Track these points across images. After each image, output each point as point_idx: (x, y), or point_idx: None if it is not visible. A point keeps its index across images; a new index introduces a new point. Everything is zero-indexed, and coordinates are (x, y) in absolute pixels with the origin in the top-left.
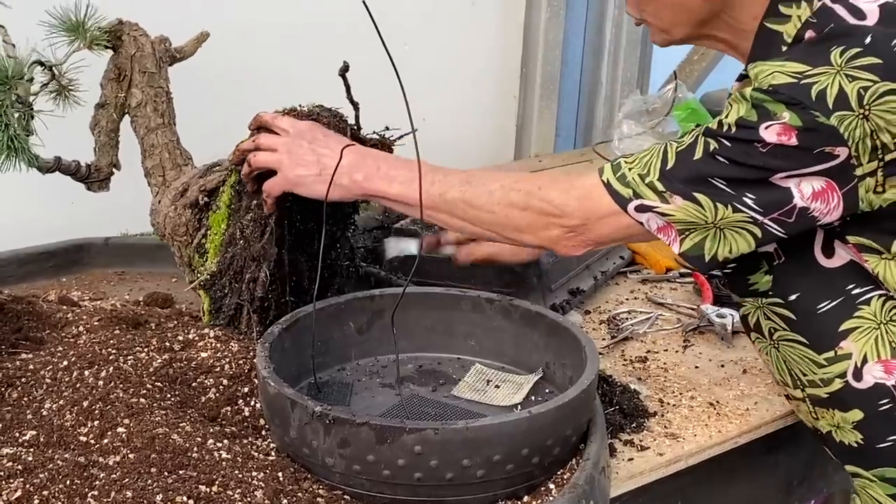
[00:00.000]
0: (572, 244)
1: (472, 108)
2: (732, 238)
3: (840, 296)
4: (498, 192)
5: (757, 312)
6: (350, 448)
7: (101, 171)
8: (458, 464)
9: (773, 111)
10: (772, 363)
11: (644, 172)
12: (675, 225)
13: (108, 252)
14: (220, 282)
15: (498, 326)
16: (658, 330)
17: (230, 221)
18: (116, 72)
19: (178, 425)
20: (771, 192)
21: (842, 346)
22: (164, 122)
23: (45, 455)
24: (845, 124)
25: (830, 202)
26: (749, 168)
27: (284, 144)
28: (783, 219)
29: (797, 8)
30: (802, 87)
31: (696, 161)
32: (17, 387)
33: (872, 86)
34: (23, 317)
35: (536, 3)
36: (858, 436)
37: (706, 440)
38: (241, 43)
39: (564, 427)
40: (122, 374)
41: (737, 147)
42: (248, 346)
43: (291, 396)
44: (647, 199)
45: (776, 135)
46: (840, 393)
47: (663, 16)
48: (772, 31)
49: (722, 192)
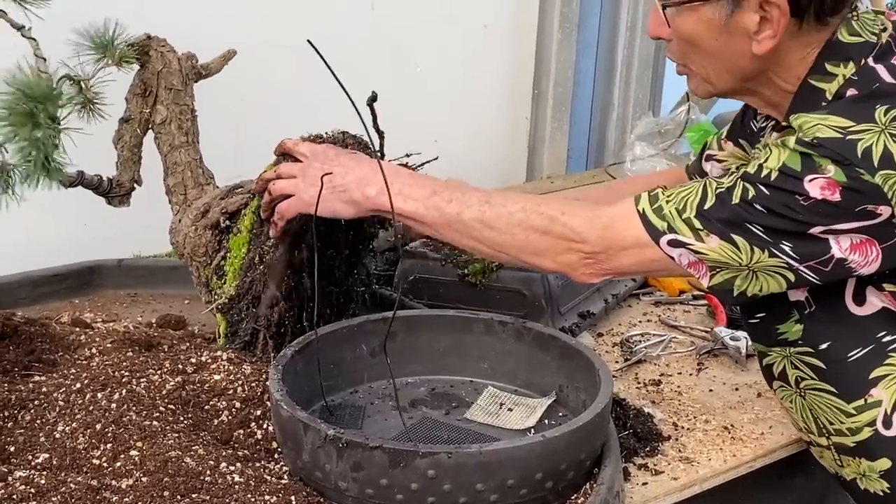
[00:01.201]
0: (590, 271)
1: (484, 130)
2: (765, 279)
3: (871, 343)
4: (519, 214)
5: (783, 362)
6: (363, 472)
7: (123, 185)
8: (471, 488)
9: (818, 164)
10: (796, 411)
11: (681, 208)
12: (708, 262)
13: (120, 274)
14: (238, 306)
15: (511, 349)
16: (671, 353)
17: (251, 246)
18: (142, 87)
19: (190, 448)
20: (809, 244)
21: (871, 394)
22: (188, 140)
23: (58, 478)
24: (889, 183)
25: (869, 256)
26: (788, 220)
27: (300, 169)
28: (819, 267)
29: (843, 67)
30: (848, 143)
31: (734, 205)
32: (29, 409)
33: None
34: (36, 339)
35: (548, 25)
36: (885, 485)
37: (721, 464)
38: (264, 62)
39: (578, 451)
40: (135, 397)
41: (777, 196)
42: (261, 368)
43: (304, 419)
44: (682, 235)
45: (820, 189)
46: (869, 441)
47: (709, 67)
48: (815, 87)
49: (759, 238)
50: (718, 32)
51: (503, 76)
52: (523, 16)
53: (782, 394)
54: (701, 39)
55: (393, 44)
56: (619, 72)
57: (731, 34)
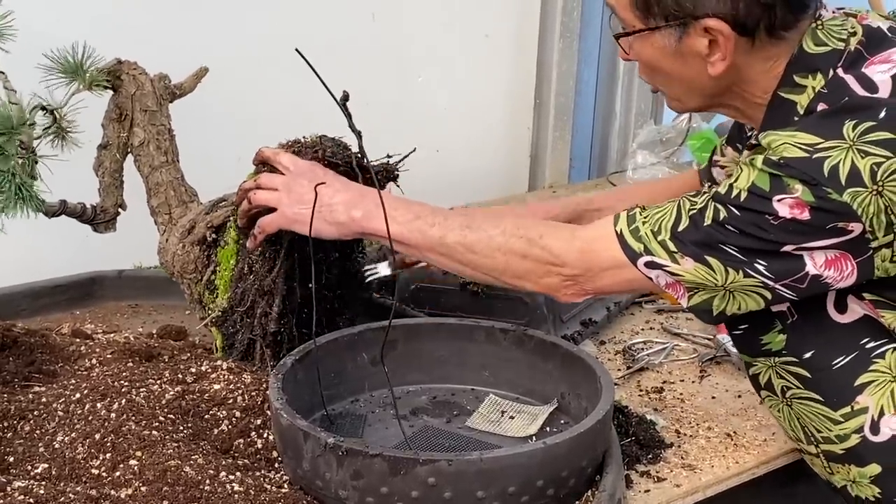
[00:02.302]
0: (572, 292)
1: (486, 140)
2: (742, 299)
3: (854, 350)
4: (498, 238)
5: (769, 371)
6: (363, 480)
7: (107, 211)
8: (472, 495)
9: (786, 184)
10: (784, 420)
11: (656, 230)
12: (685, 283)
13: (121, 285)
14: (232, 318)
15: (512, 357)
16: (674, 360)
17: (239, 257)
18: (118, 112)
19: (190, 458)
20: (783, 262)
21: (858, 401)
22: (168, 159)
23: (57, 488)
24: (858, 201)
25: (844, 270)
26: (759, 240)
27: (284, 184)
28: (795, 285)
29: (812, 79)
30: (814, 162)
31: (707, 226)
32: (29, 420)
33: (885, 161)
34: (36, 350)
35: (549, 34)
36: (875, 490)
37: (724, 471)
38: (241, 75)
39: (580, 458)
40: (135, 407)
41: (747, 217)
42: (261, 377)
43: (304, 428)
44: (658, 257)
45: (789, 208)
46: (857, 448)
47: (675, 87)
48: (786, 100)
49: (733, 258)
50: (673, 57)
51: (505, 86)
52: (524, 25)
53: (769, 403)
54: (660, 64)
55: (394, 54)
56: (621, 81)
57: (684, 58)
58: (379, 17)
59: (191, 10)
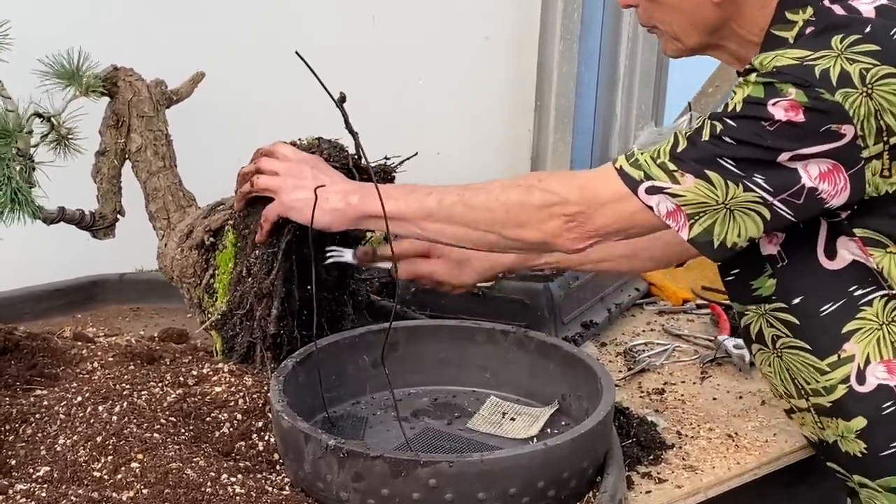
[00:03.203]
0: (574, 235)
1: (487, 142)
2: (742, 220)
3: (842, 298)
4: (497, 190)
5: (760, 321)
6: (364, 482)
7: (106, 218)
8: (473, 497)
9: (780, 88)
10: (774, 374)
11: (655, 156)
12: (685, 208)
13: (122, 288)
14: (231, 321)
15: (513, 358)
16: (675, 361)
17: (237, 260)
18: (115, 118)
19: (191, 460)
20: (779, 173)
21: (844, 349)
22: (166, 164)
23: (59, 491)
24: (850, 101)
25: (838, 184)
26: (757, 148)
27: (286, 169)
28: (792, 200)
29: (802, 13)
30: (806, 68)
31: (704, 142)
32: (31, 423)
33: (873, 68)
34: (38, 353)
35: (550, 36)
36: (862, 445)
37: (725, 472)
38: (240, 79)
39: (581, 459)
40: (136, 409)
41: (744, 126)
42: (263, 380)
43: (305, 430)
44: (658, 180)
45: (784, 111)
46: (843, 400)
47: (674, 23)
48: (778, 37)
49: (732, 172)
50: None
51: (505, 88)
52: (525, 28)
53: (761, 357)
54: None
55: (395, 56)
56: (622, 83)
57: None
58: (379, 19)
59: (192, 11)
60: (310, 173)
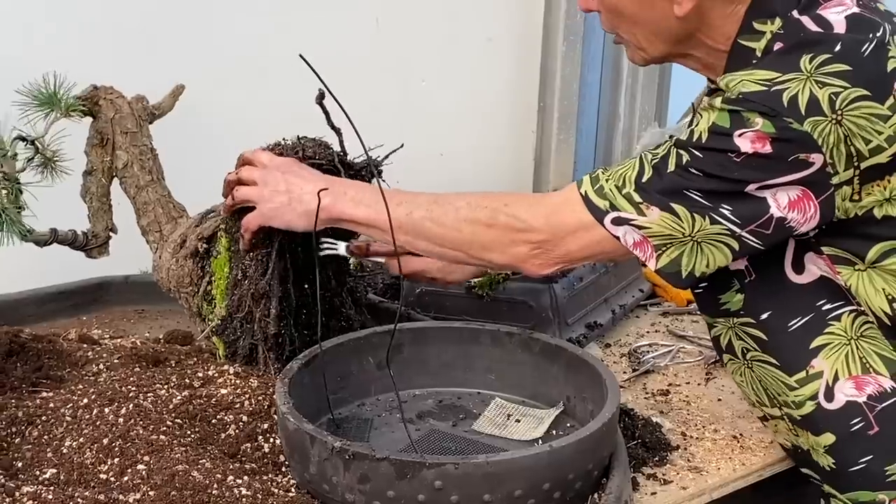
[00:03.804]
0: (540, 262)
1: (490, 143)
2: (710, 251)
3: (810, 312)
4: (464, 210)
5: (729, 333)
6: (370, 484)
7: (99, 237)
8: (478, 499)
9: (746, 118)
10: (746, 384)
11: (620, 184)
12: (652, 239)
13: (127, 290)
14: (232, 325)
15: (518, 360)
16: (680, 363)
17: (232, 264)
18: (99, 137)
19: (198, 462)
20: (747, 204)
21: (813, 365)
22: (153, 178)
23: (66, 493)
24: (819, 130)
25: (807, 212)
26: (723, 180)
27: (261, 177)
28: (761, 230)
29: (770, 24)
30: (773, 94)
31: (670, 173)
32: (37, 425)
33: (843, 91)
34: (43, 355)
35: (553, 37)
36: (831, 460)
37: (730, 473)
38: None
39: (586, 461)
40: (142, 412)
41: (710, 158)
42: (268, 382)
43: (311, 432)
44: (624, 212)
45: (750, 142)
46: (812, 415)
47: (638, 34)
48: (745, 47)
49: (699, 204)
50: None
51: (508, 89)
52: (528, 29)
53: (732, 367)
54: (625, 7)
55: (398, 58)
56: (625, 83)
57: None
58: (382, 22)
59: (195, 13)
60: (281, 178)
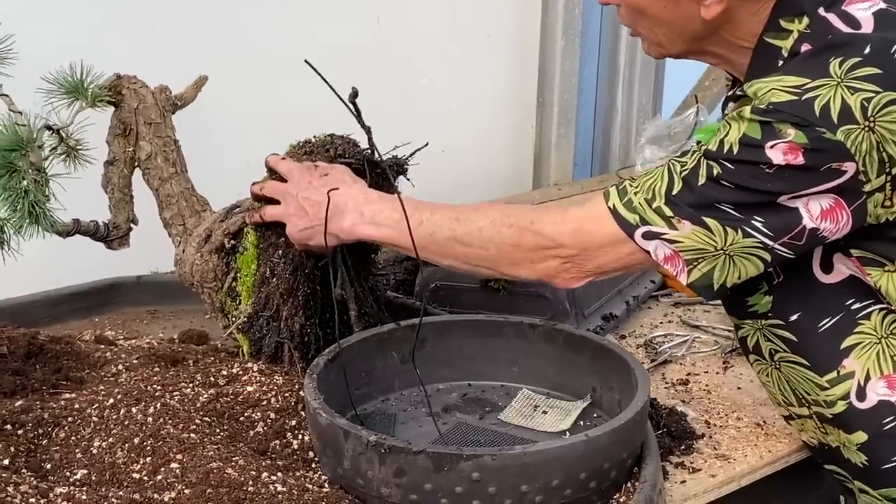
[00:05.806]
0: (571, 276)
1: (490, 139)
2: (742, 264)
3: (840, 312)
4: (488, 229)
5: (756, 334)
6: (406, 477)
7: (120, 228)
8: (516, 490)
9: (777, 129)
10: (773, 384)
11: (650, 197)
12: (683, 254)
13: (139, 290)
14: (258, 322)
15: (541, 352)
16: (696, 352)
17: (260, 261)
18: (122, 127)
19: (230, 459)
20: (780, 215)
21: (844, 365)
22: (177, 170)
23: (99, 493)
24: (852, 138)
25: (840, 221)
26: (755, 192)
27: (283, 196)
28: (793, 242)
29: (798, 22)
30: (805, 104)
31: (701, 186)
32: (63, 426)
33: (875, 97)
34: (62, 357)
35: (551, 33)
36: (863, 457)
37: (757, 460)
38: (247, 81)
39: (621, 450)
40: (171, 410)
41: (742, 169)
42: (293, 378)
43: (344, 426)
44: (655, 226)
45: (782, 154)
46: (844, 415)
47: (659, 33)
48: (771, 45)
49: (731, 217)
50: (665, 0)
51: (508, 85)
52: (526, 25)
53: (758, 367)
54: (648, 6)
55: (399, 56)
56: (622, 77)
57: (678, 1)
58: (383, 19)
59: (195, 14)
60: (294, 202)
